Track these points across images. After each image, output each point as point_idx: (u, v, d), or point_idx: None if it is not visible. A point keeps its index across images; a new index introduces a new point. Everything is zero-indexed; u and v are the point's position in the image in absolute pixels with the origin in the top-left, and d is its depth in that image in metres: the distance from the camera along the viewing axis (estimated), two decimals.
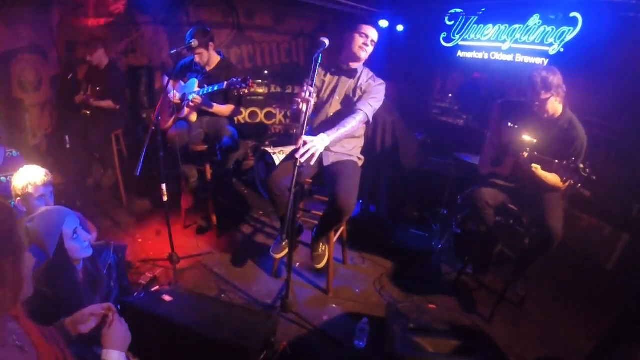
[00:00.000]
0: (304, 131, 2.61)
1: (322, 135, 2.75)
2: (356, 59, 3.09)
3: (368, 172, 4.40)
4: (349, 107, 3.09)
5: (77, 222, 2.33)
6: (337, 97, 3.17)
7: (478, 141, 3.62)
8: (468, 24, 5.48)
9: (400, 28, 6.37)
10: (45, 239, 2.21)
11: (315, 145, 2.63)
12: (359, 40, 3.03)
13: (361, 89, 3.12)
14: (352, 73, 3.16)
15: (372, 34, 3.03)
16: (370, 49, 3.06)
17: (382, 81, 3.16)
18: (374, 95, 3.07)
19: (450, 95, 6.01)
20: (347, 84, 3.16)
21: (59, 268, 2.25)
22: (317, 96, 3.20)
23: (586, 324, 3.26)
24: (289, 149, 3.33)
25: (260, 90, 6.11)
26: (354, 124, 2.93)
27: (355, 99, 3.11)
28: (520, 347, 3.01)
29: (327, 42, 2.76)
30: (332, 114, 3.20)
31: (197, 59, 3.75)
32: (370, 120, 3.07)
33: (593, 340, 3.09)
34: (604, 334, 3.10)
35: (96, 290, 2.48)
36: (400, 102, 6.36)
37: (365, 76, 3.17)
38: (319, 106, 3.24)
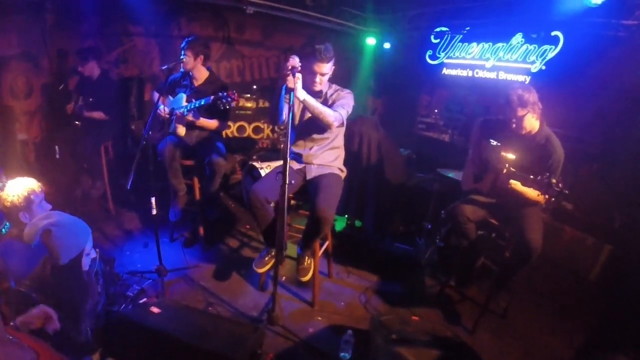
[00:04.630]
0: (288, 148, 2.66)
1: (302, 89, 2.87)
2: (313, 92, 3.13)
3: (354, 187, 4.47)
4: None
5: (91, 239, 2.46)
6: (309, 114, 3.21)
7: (462, 156, 3.71)
8: (453, 42, 5.61)
9: (387, 45, 6.51)
10: (66, 249, 2.37)
11: (299, 78, 2.77)
12: (309, 78, 3.11)
13: (331, 99, 3.23)
14: (317, 94, 3.21)
15: (321, 68, 3.06)
16: (324, 78, 3.13)
17: (349, 91, 3.28)
18: (344, 102, 3.17)
19: (436, 110, 6.11)
20: None
21: (69, 276, 2.39)
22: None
23: (570, 334, 3.32)
24: (276, 164, 3.40)
25: (249, 105, 6.18)
26: (329, 111, 3.02)
27: None
28: (504, 359, 3.07)
29: (299, 65, 2.79)
30: (306, 129, 3.30)
31: (183, 63, 3.84)
32: (345, 122, 3.18)
33: (576, 350, 3.15)
34: (584, 341, 3.17)
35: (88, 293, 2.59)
36: (387, 117, 6.48)
37: (332, 90, 3.28)
38: (294, 124, 3.33)
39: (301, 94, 2.84)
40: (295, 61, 2.74)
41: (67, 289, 2.47)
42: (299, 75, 2.77)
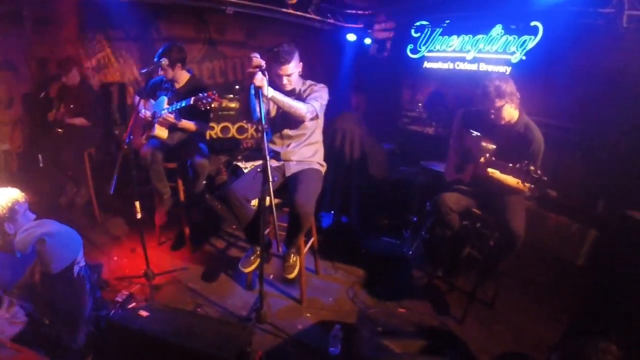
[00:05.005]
0: (265, 146, 2.64)
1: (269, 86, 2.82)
2: (285, 92, 3.13)
3: (338, 183, 4.49)
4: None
5: (82, 248, 2.51)
6: (281, 110, 3.18)
7: (447, 148, 3.75)
8: (433, 35, 5.64)
9: (368, 41, 6.54)
10: (59, 259, 2.45)
11: (262, 77, 2.69)
12: (277, 81, 3.11)
13: (305, 94, 3.22)
14: (290, 93, 3.20)
15: (285, 70, 3.06)
16: (292, 77, 3.12)
17: (323, 85, 3.28)
18: (317, 95, 3.16)
19: (420, 104, 6.14)
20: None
21: (61, 284, 2.46)
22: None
23: (559, 320, 3.35)
24: (259, 163, 3.40)
25: (232, 105, 6.16)
26: (300, 104, 3.01)
27: None
28: (494, 346, 3.08)
29: (262, 63, 2.71)
30: (281, 126, 3.31)
31: (161, 72, 3.83)
32: (320, 115, 3.18)
33: (561, 335, 3.18)
34: (569, 326, 3.20)
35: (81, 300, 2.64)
36: (371, 112, 6.49)
37: (306, 86, 3.27)
38: (270, 123, 3.34)
39: (269, 91, 2.81)
40: (258, 60, 2.69)
41: (61, 297, 2.49)
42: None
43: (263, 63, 2.69)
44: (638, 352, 2.40)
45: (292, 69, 3.07)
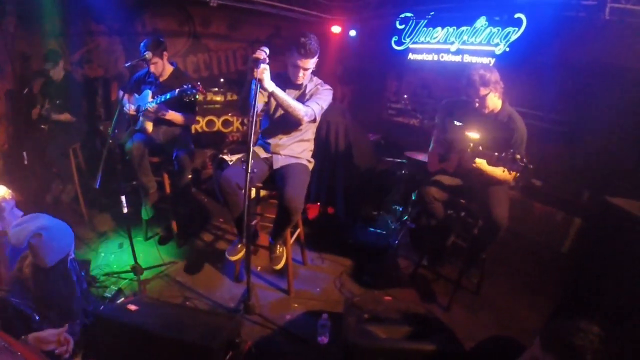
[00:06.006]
0: (252, 139, 2.64)
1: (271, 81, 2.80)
2: (296, 84, 3.15)
3: (324, 174, 4.51)
4: None
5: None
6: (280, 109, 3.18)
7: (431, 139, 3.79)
8: (418, 27, 5.67)
9: (352, 33, 6.55)
10: (54, 252, 2.45)
11: (265, 69, 2.70)
12: (292, 70, 3.08)
13: (309, 93, 3.19)
14: (298, 86, 3.20)
15: (305, 64, 3.00)
16: (307, 72, 3.09)
17: (329, 87, 3.24)
18: (322, 97, 3.14)
19: (405, 96, 6.17)
20: (293, 94, 3.17)
21: (55, 278, 2.49)
22: (266, 103, 3.27)
23: (544, 306, 3.40)
24: None
25: (217, 99, 6.16)
26: (299, 105, 2.99)
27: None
28: (481, 333, 3.08)
29: (266, 57, 2.70)
30: (280, 122, 3.26)
31: (152, 68, 3.78)
32: (317, 118, 3.14)
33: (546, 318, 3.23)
34: (553, 310, 3.26)
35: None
36: (356, 104, 6.50)
37: (313, 84, 3.23)
38: (268, 113, 3.32)
39: (269, 85, 2.78)
40: (261, 54, 2.66)
41: (55, 291, 2.49)
42: (265, 67, 2.70)
43: (264, 57, 2.67)
44: (622, 335, 2.46)
45: (311, 64, 3.04)
